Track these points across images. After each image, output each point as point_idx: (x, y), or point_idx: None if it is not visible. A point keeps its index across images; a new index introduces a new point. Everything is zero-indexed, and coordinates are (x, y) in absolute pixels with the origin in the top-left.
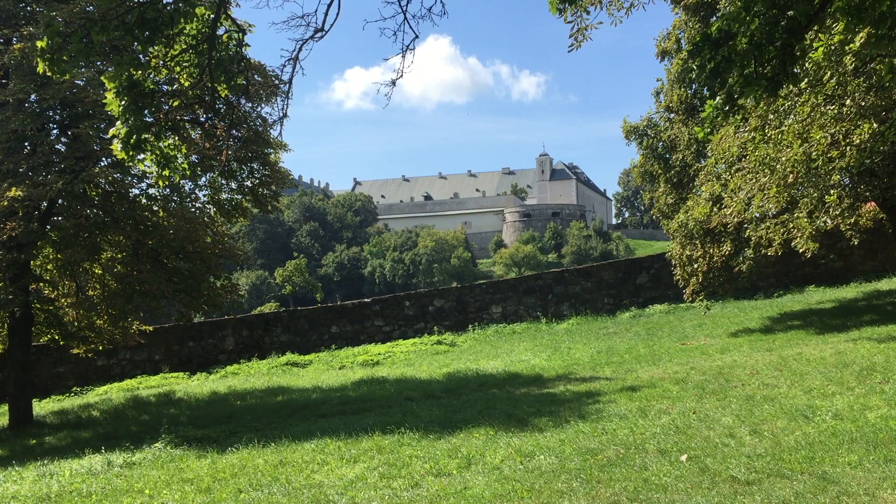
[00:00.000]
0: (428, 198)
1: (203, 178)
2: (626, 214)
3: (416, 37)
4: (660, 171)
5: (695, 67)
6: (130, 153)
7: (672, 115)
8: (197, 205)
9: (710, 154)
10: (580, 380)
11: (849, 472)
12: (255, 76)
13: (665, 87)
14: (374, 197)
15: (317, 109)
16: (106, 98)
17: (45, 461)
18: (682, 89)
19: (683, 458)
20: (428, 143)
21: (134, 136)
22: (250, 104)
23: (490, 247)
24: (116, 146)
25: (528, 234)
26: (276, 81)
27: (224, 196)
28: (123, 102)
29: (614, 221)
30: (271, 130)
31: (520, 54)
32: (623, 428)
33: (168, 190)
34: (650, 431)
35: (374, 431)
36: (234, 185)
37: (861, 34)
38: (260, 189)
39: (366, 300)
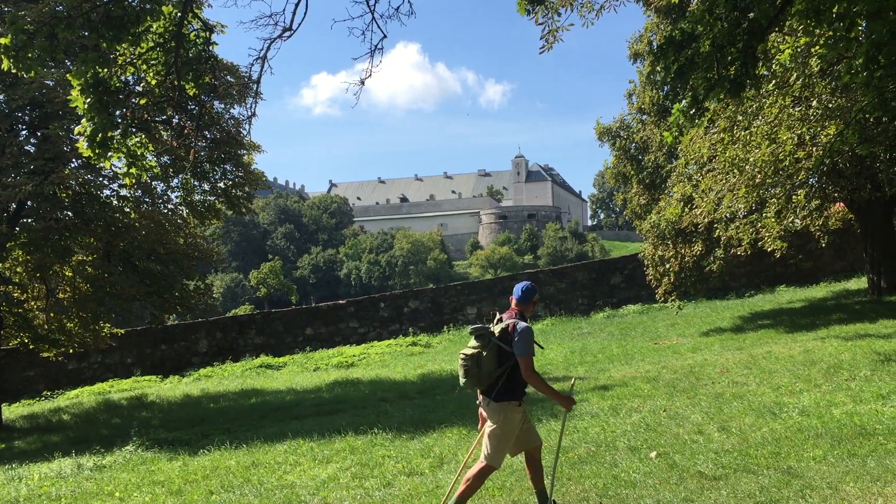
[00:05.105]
0: (404, 200)
1: (175, 180)
2: (602, 216)
3: (385, 36)
4: (632, 173)
5: (660, 69)
6: (97, 151)
7: (644, 117)
8: (169, 206)
9: (681, 155)
10: (554, 379)
11: (813, 467)
12: (228, 77)
13: (637, 89)
14: (350, 199)
15: (287, 116)
16: (71, 96)
17: (14, 465)
18: (654, 91)
19: (653, 454)
20: (403, 146)
21: (100, 135)
22: (223, 105)
23: (466, 248)
24: (82, 144)
25: (503, 235)
26: (249, 82)
27: (197, 197)
28: (89, 100)
29: (590, 223)
30: (241, 130)
31: (487, 62)
32: (594, 426)
33: (140, 191)
34: (621, 429)
35: (347, 432)
36: (206, 187)
37: (822, 37)
38: (233, 190)
39: (340, 302)
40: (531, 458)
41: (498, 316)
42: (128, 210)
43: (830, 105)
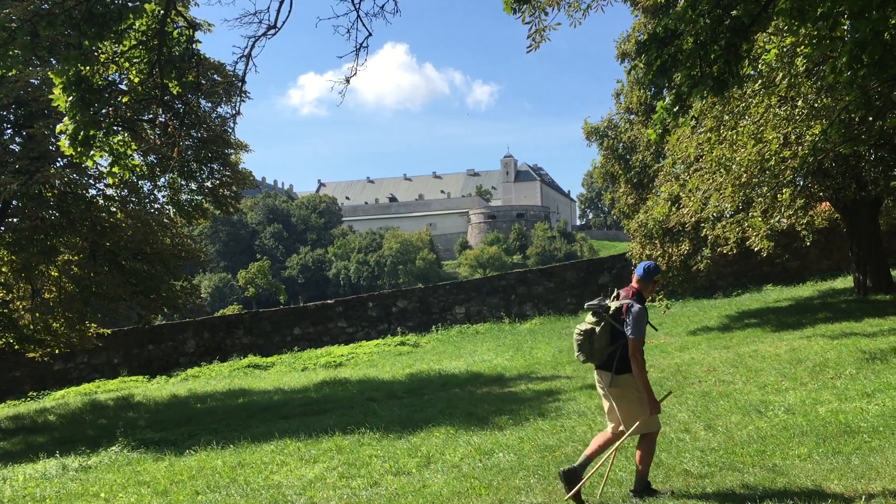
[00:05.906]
0: (393, 199)
1: (162, 179)
2: (590, 215)
3: (370, 34)
4: (620, 172)
5: (641, 65)
6: (79, 150)
7: (632, 117)
8: (156, 206)
9: (668, 155)
10: (541, 379)
11: (798, 465)
12: (215, 76)
13: (625, 89)
14: (339, 198)
15: (274, 116)
16: (54, 94)
17: None
18: (642, 91)
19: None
20: (391, 146)
21: (82, 133)
22: (209, 104)
23: (455, 248)
24: (64, 142)
25: (492, 235)
26: (234, 80)
27: (184, 197)
28: (71, 98)
29: (578, 222)
30: (226, 128)
31: (474, 63)
32: (581, 425)
33: (126, 191)
34: None
35: (334, 432)
36: (193, 186)
37: (807, 37)
38: (220, 190)
39: (329, 301)
40: (606, 438)
41: (616, 292)
42: (114, 209)
43: (816, 105)
